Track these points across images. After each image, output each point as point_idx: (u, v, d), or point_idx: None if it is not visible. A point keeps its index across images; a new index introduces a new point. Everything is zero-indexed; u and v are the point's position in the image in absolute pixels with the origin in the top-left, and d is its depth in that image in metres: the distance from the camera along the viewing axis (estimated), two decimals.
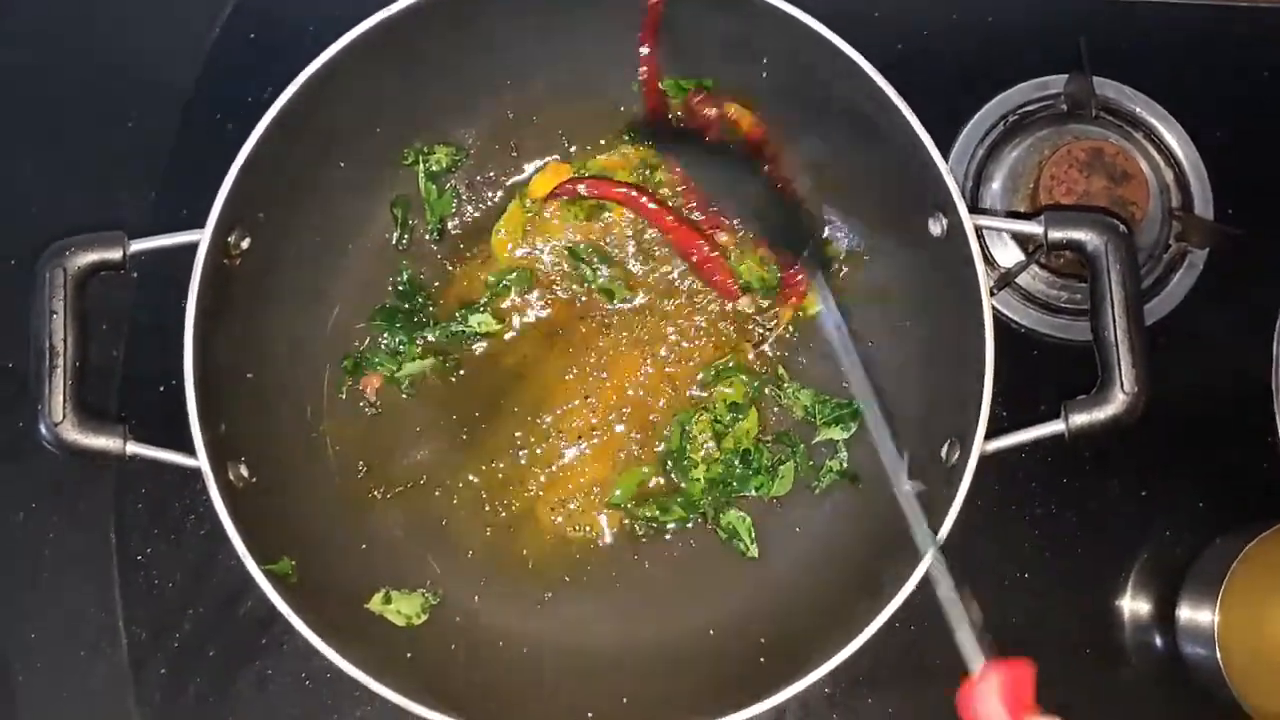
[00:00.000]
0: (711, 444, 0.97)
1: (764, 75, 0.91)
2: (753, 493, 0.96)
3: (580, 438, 0.98)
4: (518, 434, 0.98)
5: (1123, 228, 0.81)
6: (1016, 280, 1.03)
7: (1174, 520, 1.03)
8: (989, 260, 1.04)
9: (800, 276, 0.97)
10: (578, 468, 0.98)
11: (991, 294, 1.00)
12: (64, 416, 0.79)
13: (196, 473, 0.79)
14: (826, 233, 0.98)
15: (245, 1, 1.06)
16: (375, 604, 0.90)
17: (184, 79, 1.05)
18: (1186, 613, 0.96)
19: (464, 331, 0.97)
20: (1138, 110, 1.06)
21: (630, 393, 0.99)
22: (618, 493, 0.96)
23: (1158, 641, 1.00)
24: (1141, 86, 1.06)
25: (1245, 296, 1.05)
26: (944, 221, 0.83)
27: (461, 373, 0.98)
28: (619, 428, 0.98)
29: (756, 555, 0.96)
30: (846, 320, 0.86)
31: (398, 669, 0.83)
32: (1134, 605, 1.02)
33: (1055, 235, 0.82)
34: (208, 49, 1.05)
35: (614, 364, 0.99)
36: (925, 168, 0.82)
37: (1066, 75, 1.05)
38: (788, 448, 0.97)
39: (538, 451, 0.98)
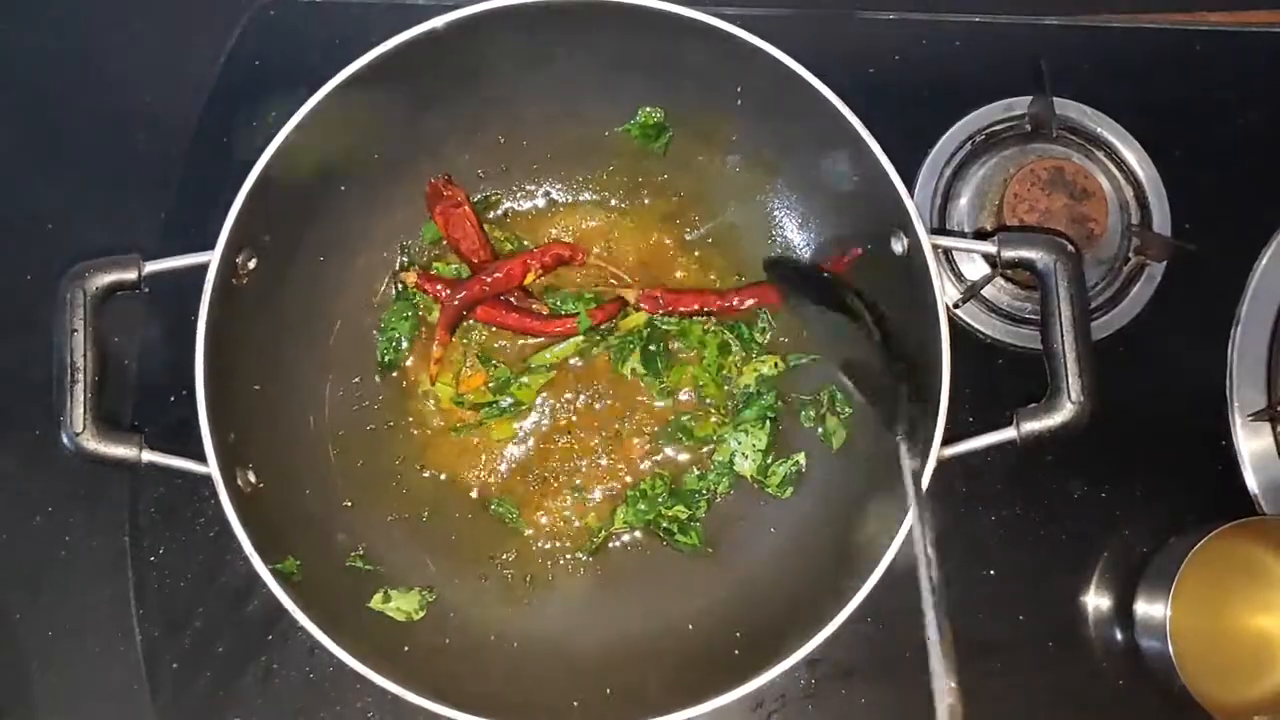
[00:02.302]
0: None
1: (738, 102, 0.95)
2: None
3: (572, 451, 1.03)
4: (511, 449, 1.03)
5: (1071, 247, 0.86)
6: (982, 292, 1.07)
7: (1133, 520, 1.06)
8: (957, 274, 1.08)
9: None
10: (566, 477, 1.02)
11: (958, 305, 1.06)
12: (84, 427, 0.83)
13: (207, 478, 0.83)
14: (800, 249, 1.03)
15: (250, 32, 1.10)
16: (376, 602, 0.94)
17: (193, 106, 1.08)
18: (1143, 607, 1.00)
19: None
20: (1098, 130, 1.10)
21: (612, 421, 1.03)
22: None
23: (1118, 635, 1.04)
24: (1102, 107, 1.10)
25: (1201, 307, 1.09)
26: (905, 241, 0.88)
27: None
28: (603, 460, 1.03)
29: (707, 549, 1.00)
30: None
31: (395, 662, 0.87)
32: (1096, 601, 1.05)
33: (1008, 254, 0.86)
34: (215, 77, 1.09)
35: (597, 395, 1.04)
36: (887, 191, 0.86)
37: (1030, 97, 1.10)
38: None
39: (532, 470, 1.03)
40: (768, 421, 1.00)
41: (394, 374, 1.02)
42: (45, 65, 1.12)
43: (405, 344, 1.02)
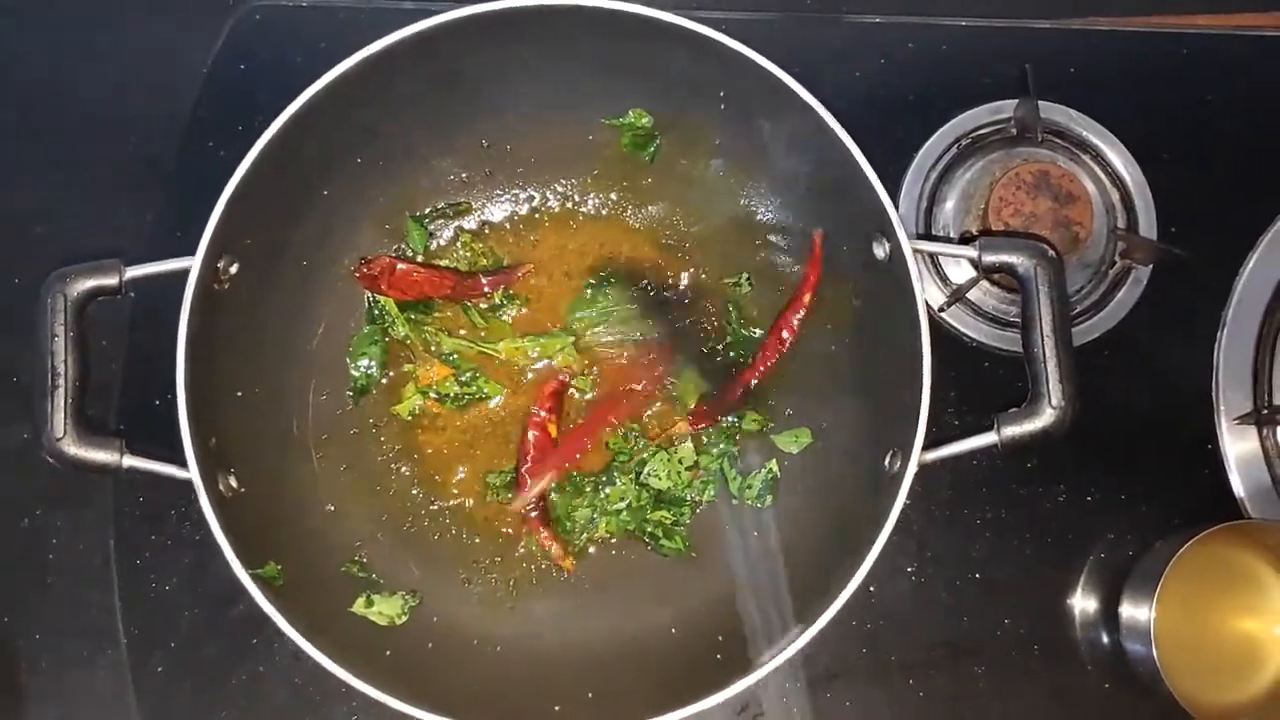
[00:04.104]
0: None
1: (722, 107, 0.95)
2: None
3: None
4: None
5: (1051, 251, 0.86)
6: (968, 295, 1.07)
7: (1119, 523, 1.06)
8: (942, 277, 1.08)
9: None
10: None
11: (943, 309, 1.06)
12: (65, 432, 0.83)
13: (190, 483, 0.83)
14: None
15: (237, 34, 1.09)
16: (359, 607, 0.94)
17: (179, 109, 1.08)
18: (1128, 610, 1.00)
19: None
20: (1084, 133, 1.10)
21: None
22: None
23: (1103, 638, 1.04)
24: (1088, 110, 1.10)
25: (1187, 311, 1.09)
26: (887, 246, 0.88)
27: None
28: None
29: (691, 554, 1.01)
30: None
31: (378, 667, 0.86)
32: (1082, 604, 1.05)
33: (989, 259, 0.86)
34: (201, 80, 1.09)
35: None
36: (869, 195, 0.86)
37: (1016, 101, 1.09)
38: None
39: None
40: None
41: (370, 393, 1.02)
42: (30, 68, 1.12)
43: (375, 370, 1.01)
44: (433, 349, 1.03)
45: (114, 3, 1.13)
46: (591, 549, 1.01)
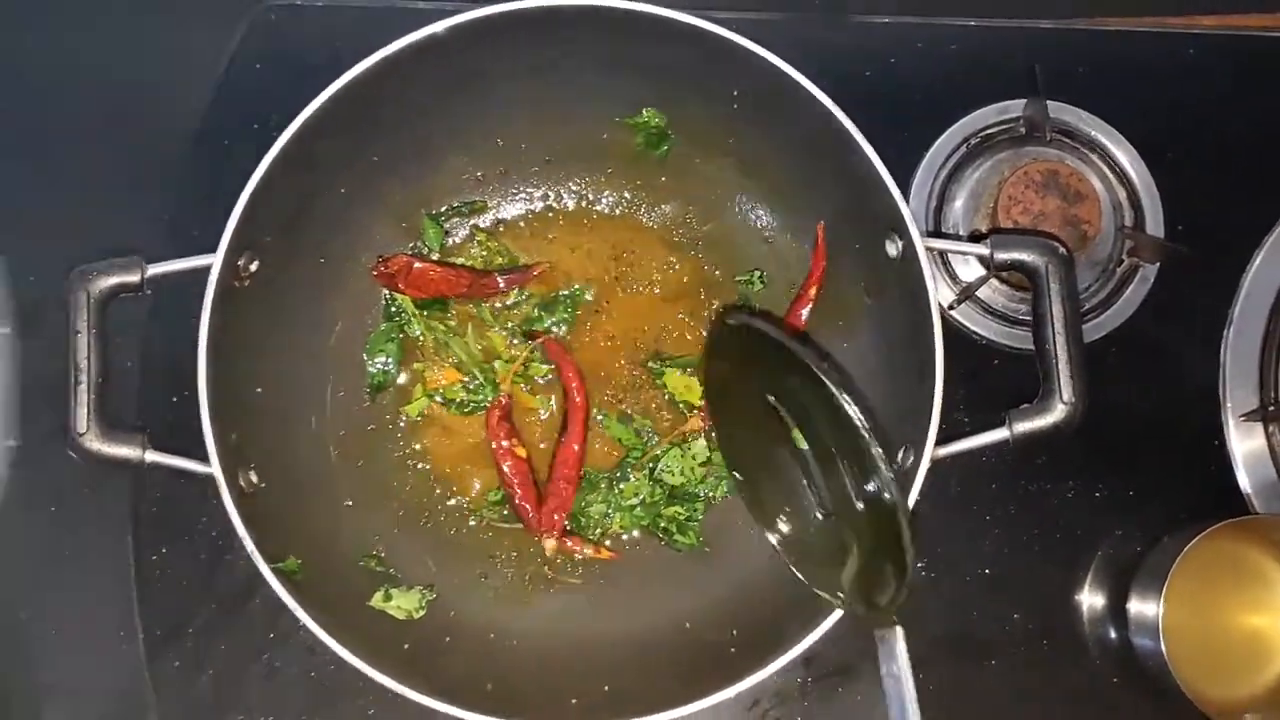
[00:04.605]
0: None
1: (734, 106, 0.96)
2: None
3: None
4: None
5: (1063, 249, 0.87)
6: (978, 294, 1.08)
7: (1127, 519, 1.07)
8: (952, 276, 1.09)
9: None
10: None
11: (953, 307, 1.07)
12: (88, 428, 0.84)
13: (210, 478, 0.84)
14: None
15: (253, 35, 1.10)
16: (377, 601, 0.94)
17: (194, 108, 1.09)
18: (1136, 606, 1.01)
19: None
20: (1092, 133, 1.11)
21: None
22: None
23: (1112, 634, 1.05)
24: (1096, 110, 1.11)
25: (1194, 308, 1.10)
26: (899, 244, 0.88)
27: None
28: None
29: (704, 548, 1.02)
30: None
31: (396, 660, 0.88)
32: (1090, 599, 1.06)
33: (1001, 256, 0.87)
34: (218, 81, 1.09)
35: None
36: (881, 194, 0.87)
37: (1024, 100, 1.10)
38: None
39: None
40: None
41: (387, 390, 1.03)
42: (49, 68, 1.12)
43: (392, 368, 1.02)
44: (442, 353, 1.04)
45: (132, 3, 1.14)
46: (606, 544, 1.02)
